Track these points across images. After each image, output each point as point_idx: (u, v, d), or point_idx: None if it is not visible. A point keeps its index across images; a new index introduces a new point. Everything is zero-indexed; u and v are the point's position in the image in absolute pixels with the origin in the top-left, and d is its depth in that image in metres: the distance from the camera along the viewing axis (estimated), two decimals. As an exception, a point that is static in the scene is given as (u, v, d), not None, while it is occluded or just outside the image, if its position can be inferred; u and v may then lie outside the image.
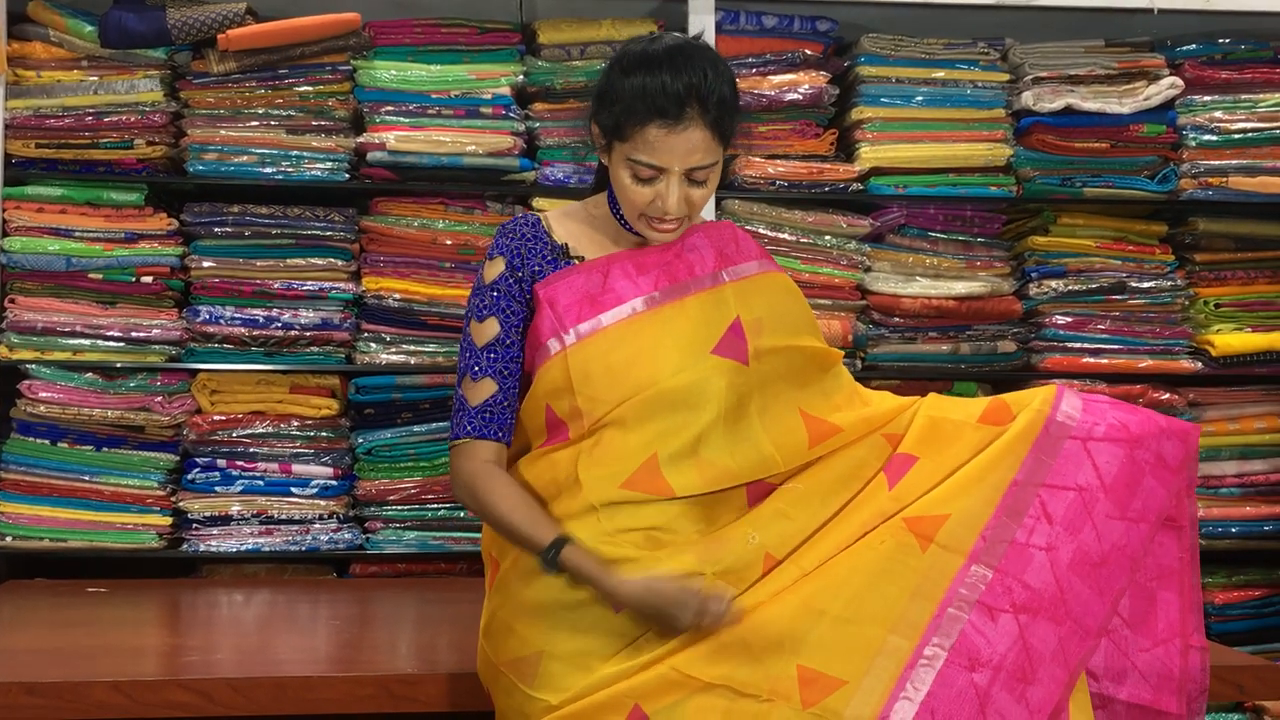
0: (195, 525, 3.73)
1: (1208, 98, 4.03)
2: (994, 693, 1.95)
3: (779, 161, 3.90)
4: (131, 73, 3.78)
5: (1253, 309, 4.06)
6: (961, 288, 3.97)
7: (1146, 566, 2.13)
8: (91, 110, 3.75)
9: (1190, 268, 4.07)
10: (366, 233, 3.86)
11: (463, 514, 3.77)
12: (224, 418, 3.74)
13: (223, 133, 3.78)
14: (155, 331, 3.74)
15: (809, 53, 3.98)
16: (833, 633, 1.98)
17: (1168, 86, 3.98)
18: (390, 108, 3.84)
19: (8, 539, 3.68)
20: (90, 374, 3.71)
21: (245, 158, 3.78)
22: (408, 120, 3.83)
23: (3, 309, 3.72)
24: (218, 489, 3.74)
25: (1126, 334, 4.00)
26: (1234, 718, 3.81)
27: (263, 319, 3.77)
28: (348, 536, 3.77)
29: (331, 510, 3.77)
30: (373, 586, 3.66)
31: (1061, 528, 2.06)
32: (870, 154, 3.92)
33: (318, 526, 3.77)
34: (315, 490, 3.77)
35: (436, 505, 3.79)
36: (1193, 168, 3.99)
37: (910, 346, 3.96)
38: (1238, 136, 4.02)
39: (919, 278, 3.98)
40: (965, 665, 1.96)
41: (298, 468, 3.77)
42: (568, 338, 2.09)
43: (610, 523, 2.04)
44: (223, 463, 3.75)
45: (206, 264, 3.78)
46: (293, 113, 3.82)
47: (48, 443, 3.70)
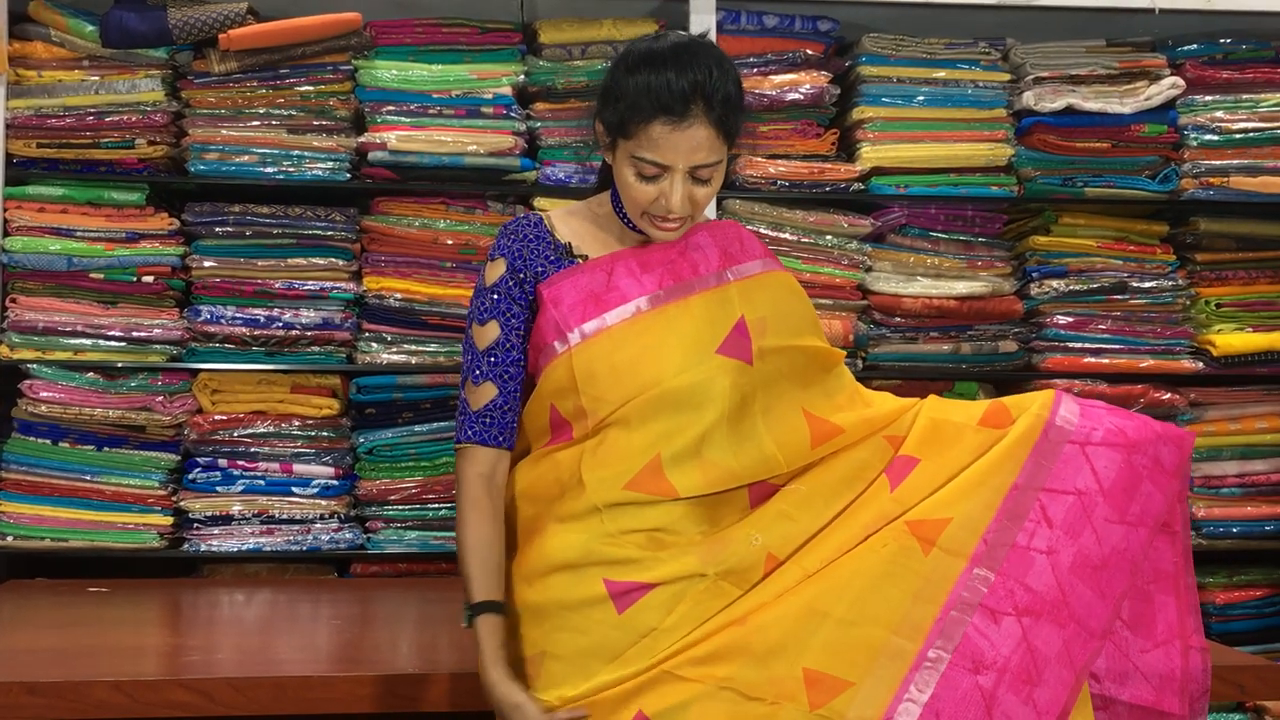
0: (196, 525, 3.74)
1: (1209, 97, 4.03)
2: (1000, 695, 1.95)
3: (780, 161, 3.90)
4: (133, 72, 3.78)
5: (1254, 309, 4.06)
6: (963, 287, 3.97)
7: (1145, 570, 2.13)
8: (93, 110, 3.75)
9: (1191, 267, 4.07)
10: (368, 232, 3.86)
11: (464, 514, 3.76)
12: (225, 417, 3.74)
13: (224, 132, 3.78)
14: (156, 331, 3.74)
15: (810, 52, 3.98)
16: (837, 635, 1.98)
17: (1169, 86, 3.98)
18: (391, 107, 3.84)
19: (9, 539, 3.68)
20: (91, 374, 3.71)
21: (246, 157, 3.78)
22: (409, 120, 3.83)
23: (4, 309, 3.72)
24: (219, 489, 3.74)
25: (1128, 334, 4.00)
26: (1235, 718, 3.81)
27: (264, 319, 3.77)
28: (349, 536, 3.77)
29: (332, 510, 3.77)
30: (374, 586, 3.66)
31: (1062, 531, 2.06)
32: (871, 154, 3.92)
33: (319, 526, 3.77)
34: (316, 490, 3.77)
35: (437, 505, 3.79)
36: (1194, 167, 3.99)
37: (911, 346, 3.96)
38: (1239, 136, 4.02)
39: (920, 277, 3.98)
40: (969, 668, 1.96)
41: (299, 467, 3.77)
42: (572, 337, 2.09)
43: (613, 523, 2.03)
44: (224, 462, 3.75)
45: (208, 264, 3.78)
46: (294, 112, 3.82)
47: (49, 442, 3.70)
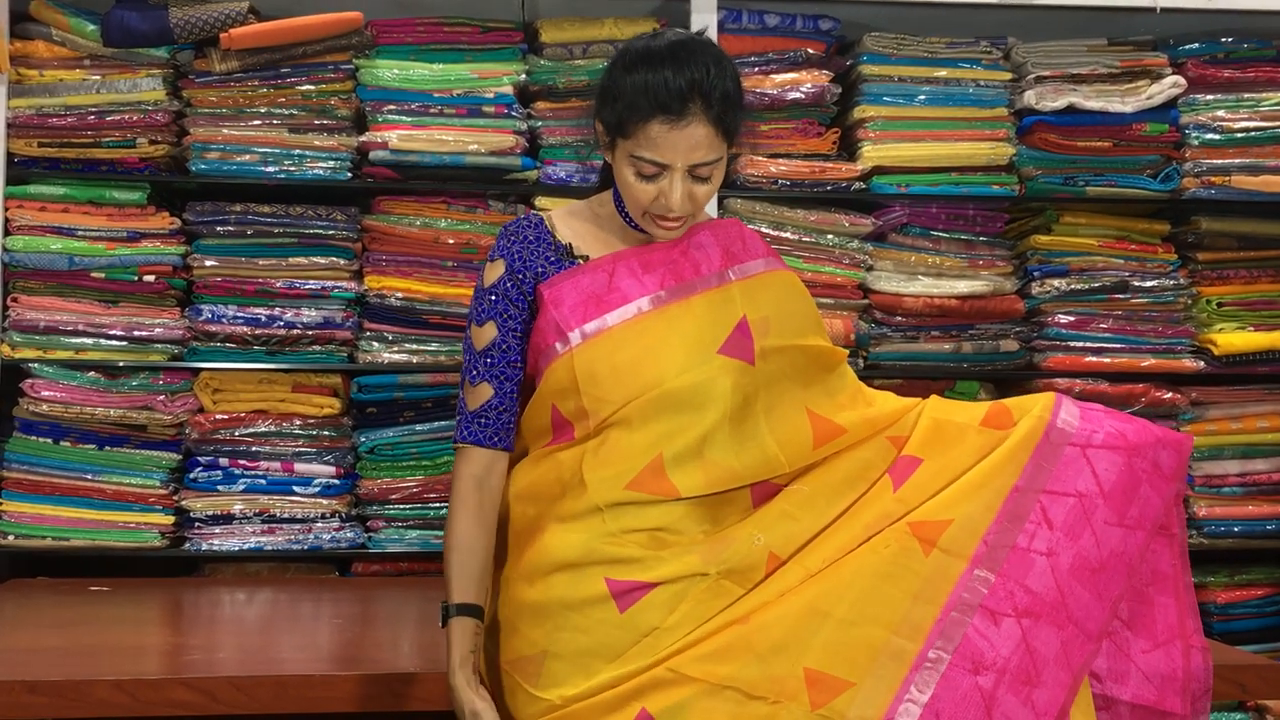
0: (197, 524, 3.74)
1: (1210, 96, 4.03)
2: (1000, 695, 1.95)
3: (781, 160, 3.90)
4: (134, 72, 3.78)
5: (1255, 308, 4.06)
6: (964, 287, 3.97)
7: (1142, 572, 2.14)
8: (94, 109, 3.75)
9: (1193, 267, 4.07)
10: (369, 232, 3.86)
11: (465, 513, 3.77)
12: (226, 416, 3.74)
13: (225, 131, 3.78)
14: (157, 330, 3.74)
15: (811, 51, 3.98)
16: (838, 635, 1.98)
17: (1170, 85, 3.98)
18: (392, 106, 3.84)
19: (10, 538, 3.68)
20: (93, 373, 3.71)
21: (248, 156, 3.79)
22: (410, 119, 3.83)
23: (5, 308, 3.72)
24: (220, 488, 3.74)
25: (1129, 333, 4.00)
26: (1236, 717, 3.81)
27: (265, 318, 3.77)
28: (350, 535, 3.77)
29: (334, 509, 3.77)
30: (375, 585, 3.67)
31: (1062, 533, 2.06)
32: (873, 153, 3.92)
33: (320, 525, 3.77)
34: (317, 489, 3.77)
35: (438, 504, 3.79)
36: (1195, 166, 3.99)
37: (913, 345, 3.96)
38: (1240, 135, 4.02)
39: (921, 277, 3.98)
40: (969, 668, 1.96)
41: (300, 466, 3.77)
42: (573, 338, 2.08)
43: (615, 523, 2.03)
44: (225, 461, 3.75)
45: (209, 263, 3.78)
46: (295, 112, 3.82)
47: (50, 441, 3.70)
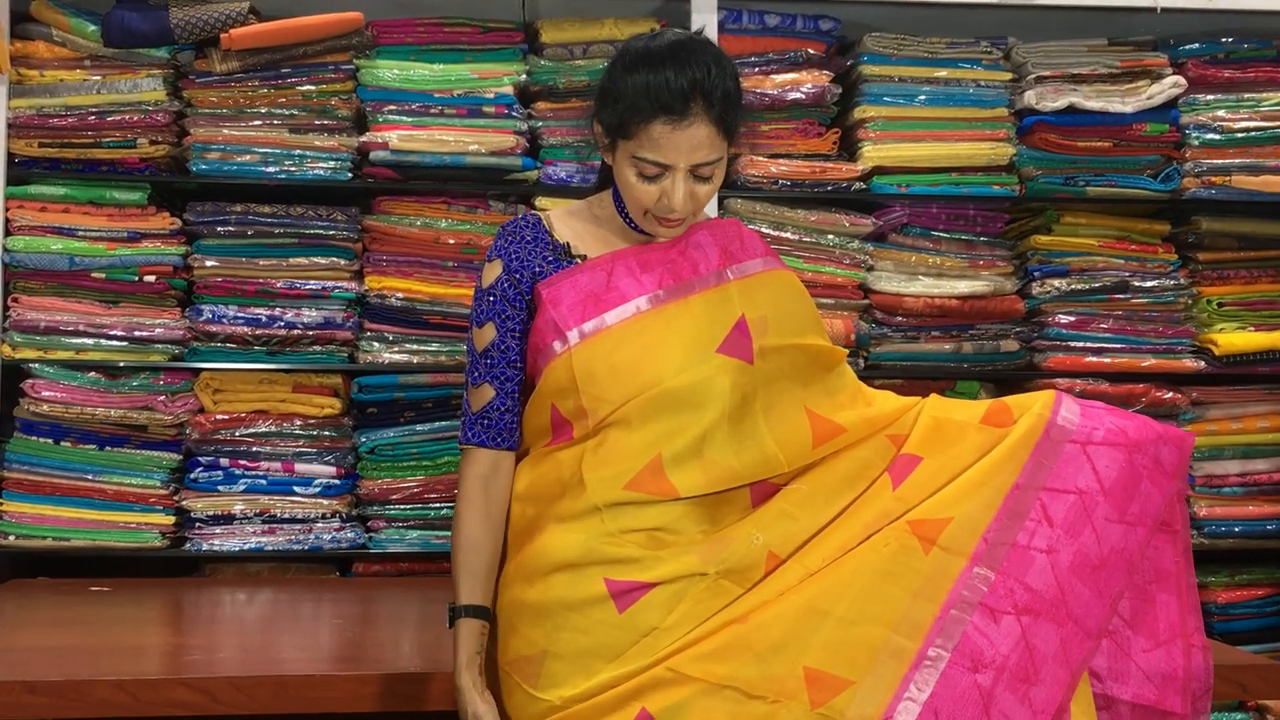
0: (198, 524, 3.74)
1: (1210, 97, 4.03)
2: (998, 693, 1.95)
3: (782, 161, 3.90)
4: (134, 72, 3.78)
5: (1256, 308, 4.06)
6: (964, 287, 3.97)
7: (1143, 570, 2.14)
8: (94, 109, 3.75)
9: (1193, 267, 4.07)
10: (369, 232, 3.86)
11: (465, 513, 3.77)
12: (227, 417, 3.74)
13: (225, 132, 3.78)
14: (158, 331, 3.75)
15: (811, 52, 3.98)
16: (837, 634, 1.98)
17: (1170, 85, 3.98)
18: (393, 107, 3.84)
19: (11, 538, 3.68)
20: (93, 373, 3.71)
21: (248, 157, 3.79)
22: (410, 119, 3.84)
23: (6, 308, 3.72)
24: (220, 488, 3.74)
25: (1129, 333, 4.00)
26: (1237, 717, 3.81)
27: (265, 318, 3.77)
28: (350, 535, 3.77)
29: (334, 509, 3.77)
30: (375, 585, 3.67)
31: (1062, 530, 2.06)
32: (873, 153, 3.92)
33: (320, 526, 3.77)
34: (318, 489, 3.77)
35: (439, 504, 3.79)
36: (1195, 167, 3.99)
37: (913, 346, 3.96)
38: (1240, 135, 4.02)
39: (922, 277, 3.98)
40: (968, 666, 1.96)
41: (300, 467, 3.77)
42: (571, 337, 2.09)
43: (614, 523, 2.03)
44: (225, 462, 3.75)
45: (209, 263, 3.79)
46: (295, 112, 3.82)
47: (51, 442, 3.70)
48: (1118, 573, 2.07)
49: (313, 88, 3.84)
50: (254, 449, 3.77)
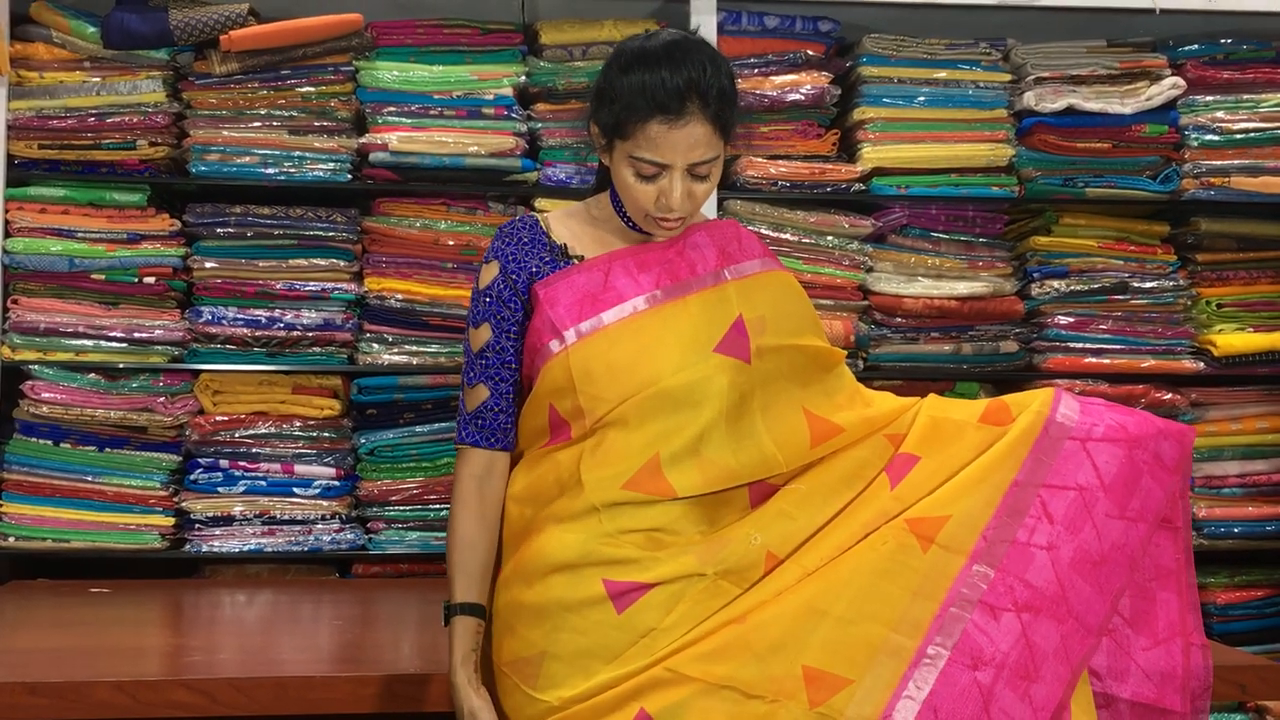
0: (198, 526, 3.74)
1: (1210, 98, 4.03)
2: (998, 690, 1.95)
3: (781, 162, 3.90)
4: (134, 74, 3.79)
5: (1255, 309, 4.06)
6: (963, 288, 3.97)
7: (1144, 567, 2.14)
8: (94, 111, 3.75)
9: (1192, 268, 4.07)
10: (369, 233, 3.86)
11: (465, 514, 3.77)
12: (226, 418, 3.74)
13: (225, 133, 3.79)
14: (158, 332, 3.75)
15: (811, 53, 3.98)
16: (836, 633, 1.98)
17: (1170, 87, 3.98)
18: (392, 108, 3.84)
19: (11, 540, 3.68)
20: (93, 375, 3.71)
21: (247, 158, 3.79)
22: (410, 121, 3.84)
23: (6, 310, 3.72)
24: (220, 489, 3.75)
25: (1129, 334, 4.00)
26: (1236, 718, 3.81)
27: (265, 319, 3.78)
28: (350, 537, 3.77)
29: (334, 511, 3.78)
30: (375, 587, 3.67)
31: (1062, 527, 2.06)
32: (872, 154, 3.92)
33: (320, 527, 3.77)
34: (318, 491, 3.77)
35: (439, 505, 3.79)
36: (1195, 168, 3.99)
37: (912, 347, 3.96)
38: (1239, 136, 4.02)
39: (921, 278, 3.98)
40: (968, 664, 1.96)
41: (300, 468, 3.77)
42: (569, 336, 2.09)
43: (612, 523, 2.03)
44: (225, 463, 3.75)
45: (209, 265, 3.79)
46: (295, 113, 3.83)
47: (50, 443, 3.70)
48: (1119, 569, 2.07)
49: (312, 89, 3.84)
50: (253, 450, 3.77)
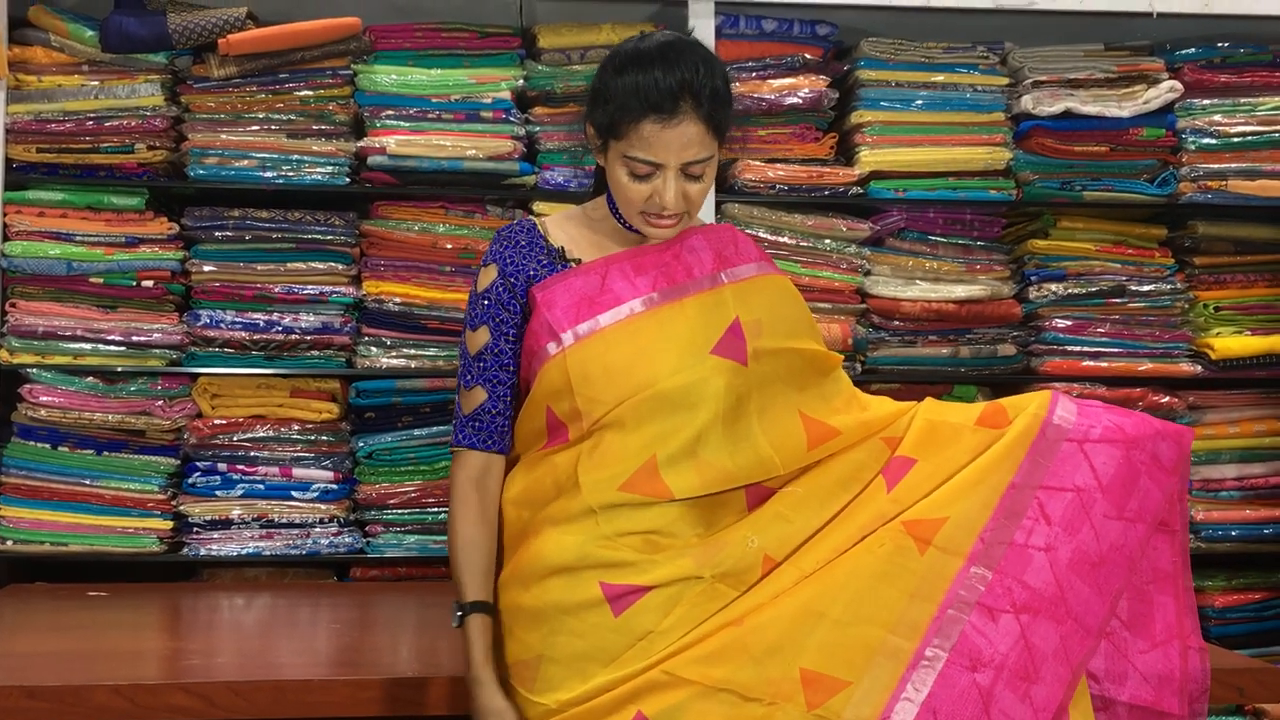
0: (196, 529, 3.74)
1: (1207, 101, 4.03)
2: (997, 692, 1.95)
3: (778, 165, 3.91)
4: (132, 77, 3.79)
5: (1252, 312, 4.06)
6: (961, 291, 3.97)
7: (1142, 569, 2.14)
8: (92, 115, 3.75)
9: (1190, 271, 4.07)
10: (367, 237, 3.87)
11: (463, 518, 3.77)
12: (224, 421, 3.74)
13: (223, 137, 3.79)
14: (156, 335, 3.75)
15: (808, 57, 3.98)
16: (833, 635, 1.98)
17: (1167, 90, 3.98)
18: (390, 112, 3.85)
19: (8, 543, 3.68)
20: (91, 378, 3.71)
21: (246, 162, 3.79)
22: (408, 124, 3.84)
23: (3, 313, 3.72)
24: (218, 493, 3.74)
25: (1126, 337, 4.00)
26: (1234, 721, 3.82)
27: (263, 323, 3.78)
28: (348, 540, 3.77)
29: (332, 514, 3.78)
30: (373, 590, 3.67)
31: (1060, 528, 2.06)
32: (870, 158, 3.93)
33: (318, 530, 3.77)
34: (316, 494, 3.77)
35: (437, 509, 3.79)
36: (1192, 171, 3.99)
37: (910, 350, 3.96)
38: (1237, 140, 4.02)
39: (919, 281, 3.99)
40: (967, 666, 1.96)
41: (298, 471, 3.77)
42: (566, 339, 2.09)
43: (609, 525, 2.04)
44: (223, 466, 3.75)
45: (207, 268, 3.79)
46: (293, 117, 3.83)
47: (48, 447, 3.70)
48: (1117, 570, 2.07)
49: (310, 93, 3.84)
50: (252, 454, 3.77)
